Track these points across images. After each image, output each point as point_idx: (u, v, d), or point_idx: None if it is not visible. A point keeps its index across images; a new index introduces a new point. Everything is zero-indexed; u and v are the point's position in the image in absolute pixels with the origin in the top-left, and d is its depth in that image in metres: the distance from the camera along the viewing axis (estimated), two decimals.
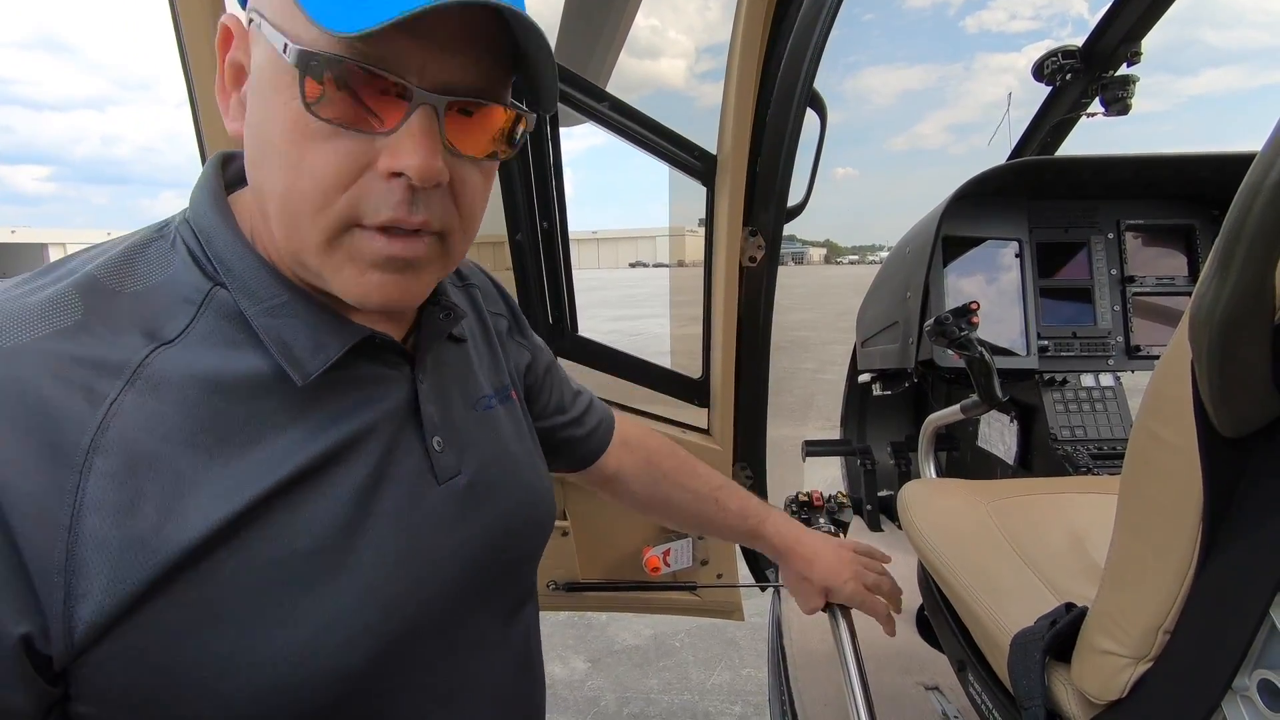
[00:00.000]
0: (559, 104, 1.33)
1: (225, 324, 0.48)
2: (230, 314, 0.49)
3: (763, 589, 1.94)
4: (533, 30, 0.46)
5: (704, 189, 1.55)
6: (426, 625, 0.54)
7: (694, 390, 1.73)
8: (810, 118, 1.44)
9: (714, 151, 1.52)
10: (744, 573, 1.89)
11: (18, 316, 0.43)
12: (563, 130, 1.48)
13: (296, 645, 0.45)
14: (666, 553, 1.70)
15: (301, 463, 0.47)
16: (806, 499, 1.17)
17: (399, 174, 0.45)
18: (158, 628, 0.41)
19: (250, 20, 0.47)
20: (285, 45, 0.44)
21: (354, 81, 0.44)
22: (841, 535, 1.20)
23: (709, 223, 1.57)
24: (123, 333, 0.45)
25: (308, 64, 0.43)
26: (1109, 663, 0.62)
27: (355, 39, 0.41)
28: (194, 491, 0.43)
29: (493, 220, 1.41)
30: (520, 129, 0.52)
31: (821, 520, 1.15)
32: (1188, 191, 1.82)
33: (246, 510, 0.44)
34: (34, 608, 0.39)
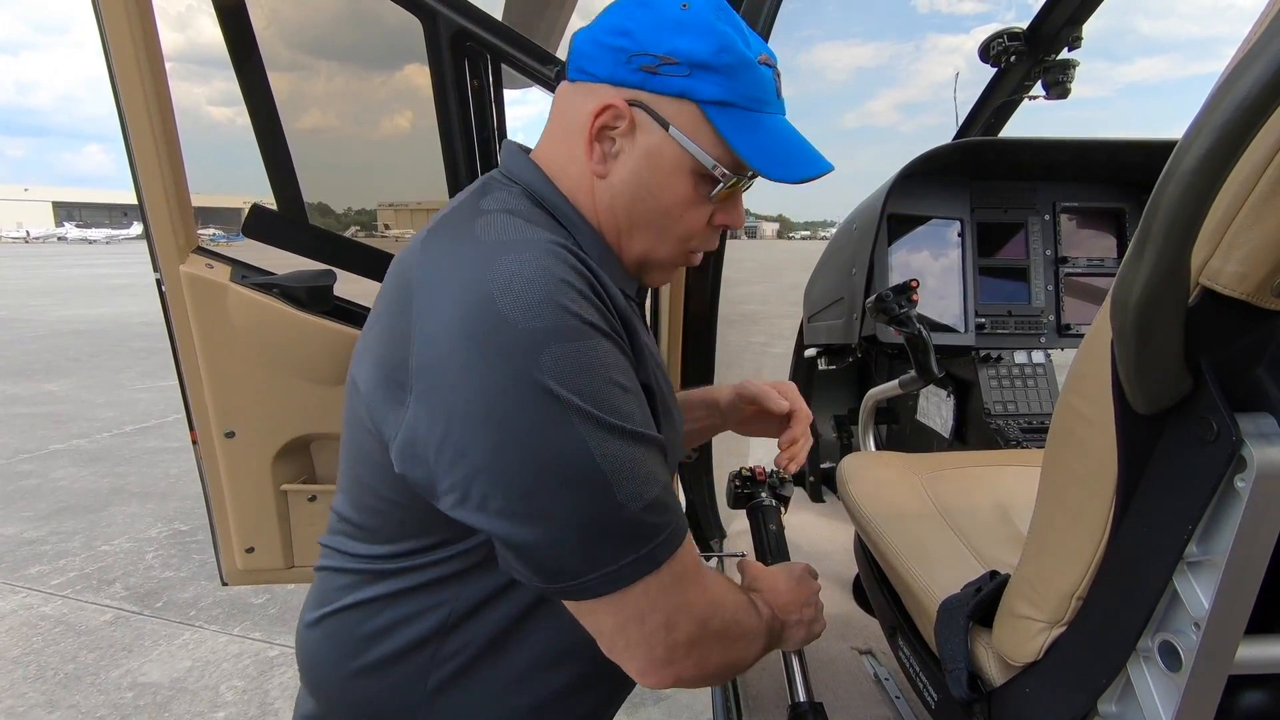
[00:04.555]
0: (503, 67, 1.29)
1: (581, 264, 0.67)
2: (581, 258, 0.68)
3: (706, 559, 1.97)
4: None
5: None
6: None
7: None
8: None
9: None
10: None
11: (548, 233, 0.66)
12: (515, 94, 1.43)
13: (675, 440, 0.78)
14: None
15: (646, 355, 0.71)
16: (750, 474, 1.19)
17: (723, 225, 0.77)
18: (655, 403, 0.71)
19: (633, 104, 0.68)
20: (715, 166, 0.69)
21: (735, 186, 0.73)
22: (783, 509, 1.22)
23: None
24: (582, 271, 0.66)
25: (733, 182, 0.71)
26: (1026, 627, 0.65)
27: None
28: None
29: (435, 185, 1.36)
30: None
31: (763, 494, 1.17)
32: (1120, 176, 1.89)
33: (647, 370, 0.70)
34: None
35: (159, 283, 1.17)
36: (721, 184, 0.70)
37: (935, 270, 1.89)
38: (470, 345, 0.59)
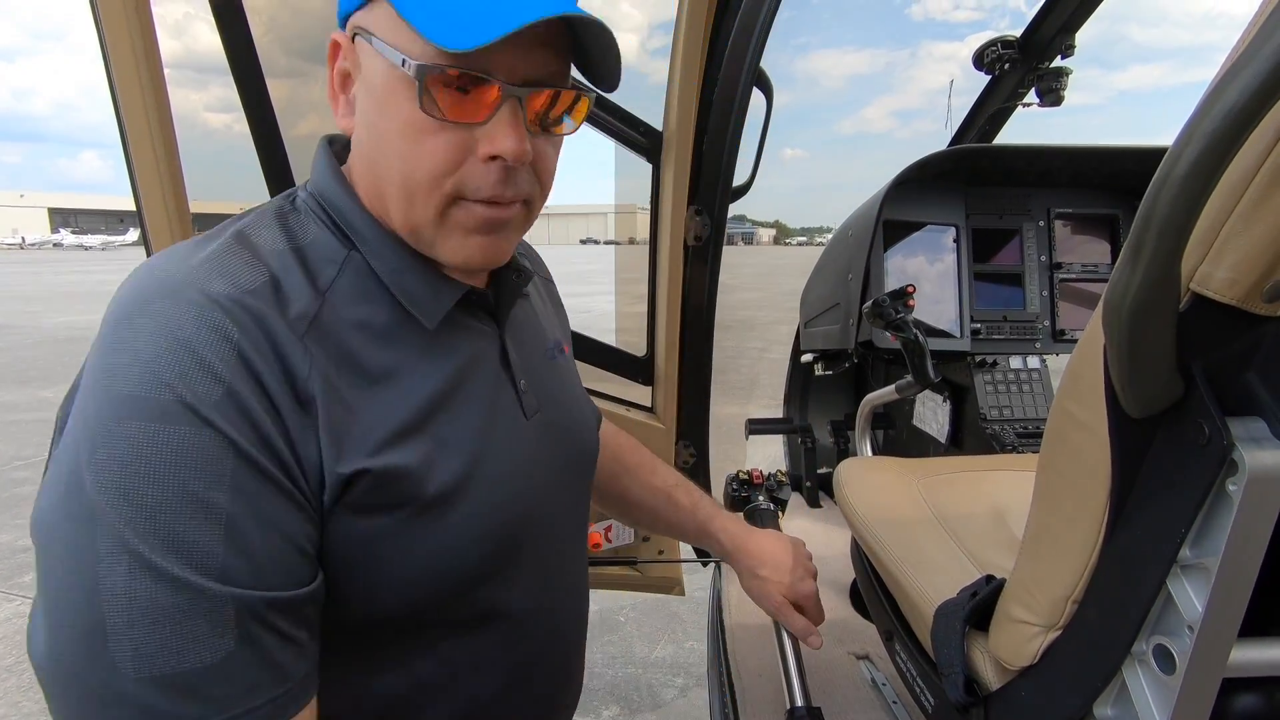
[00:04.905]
0: None
1: (362, 281, 0.59)
2: (364, 273, 0.59)
3: (704, 564, 1.97)
4: (594, 26, 0.55)
5: (650, 166, 1.54)
6: (526, 532, 0.67)
7: (639, 368, 1.73)
8: (756, 98, 1.44)
9: (660, 128, 1.51)
10: (685, 549, 1.92)
11: (230, 277, 0.52)
12: None
13: (457, 541, 0.59)
14: (608, 529, 1.71)
15: (434, 393, 0.59)
16: (746, 477, 1.20)
17: (495, 157, 0.56)
18: (348, 528, 0.54)
19: (355, 35, 0.57)
20: (404, 60, 0.53)
21: (459, 85, 0.54)
22: (780, 512, 1.23)
23: (654, 200, 1.56)
24: (297, 288, 0.54)
25: (424, 75, 0.52)
26: (1022, 631, 0.65)
27: (464, 53, 0.51)
28: (359, 419, 0.54)
29: None
30: (584, 105, 0.61)
31: (760, 498, 1.18)
32: (1113, 182, 1.90)
33: (395, 438, 0.55)
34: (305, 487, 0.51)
35: None
36: (419, 84, 0.53)
37: (931, 276, 1.90)
38: (75, 406, 0.49)
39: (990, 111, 2.07)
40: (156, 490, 0.44)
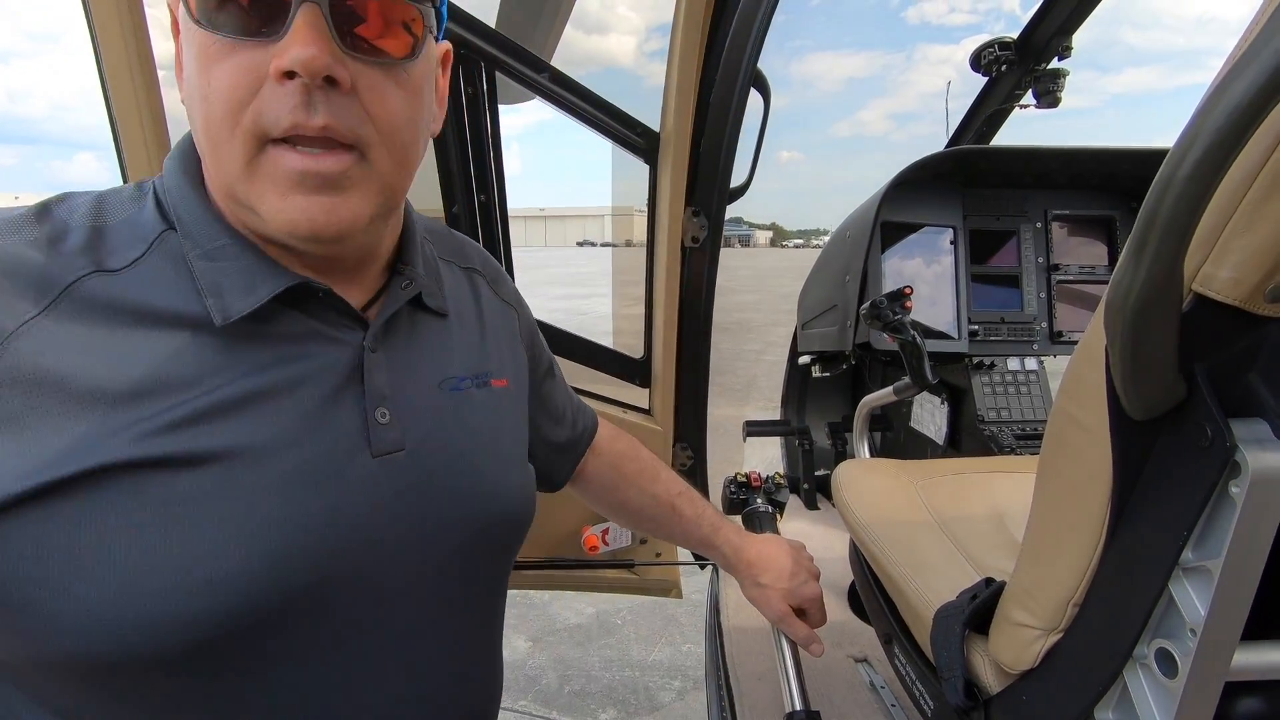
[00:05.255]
0: (499, 76, 1.29)
1: (170, 265, 0.50)
2: (176, 257, 0.51)
3: (701, 567, 1.96)
4: None
5: (647, 168, 1.54)
6: (335, 590, 0.52)
7: (636, 370, 1.72)
8: (753, 99, 1.43)
9: (657, 129, 1.51)
10: (683, 551, 1.91)
11: None
12: (514, 106, 1.44)
13: (165, 584, 0.45)
14: (605, 531, 1.70)
15: (211, 404, 0.48)
16: (745, 480, 1.19)
17: (291, 74, 0.46)
18: (25, 540, 0.42)
19: None
20: None
21: None
22: (778, 515, 1.23)
23: (651, 201, 1.56)
24: (65, 257, 0.47)
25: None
26: (1022, 634, 0.65)
27: None
28: (94, 417, 0.44)
29: (430, 193, 1.36)
30: (419, 26, 0.51)
31: (759, 500, 1.17)
32: (1110, 184, 1.91)
33: (144, 444, 0.45)
34: None
35: None
36: None
37: (928, 277, 1.90)
38: None
39: (987, 113, 2.08)
40: None
